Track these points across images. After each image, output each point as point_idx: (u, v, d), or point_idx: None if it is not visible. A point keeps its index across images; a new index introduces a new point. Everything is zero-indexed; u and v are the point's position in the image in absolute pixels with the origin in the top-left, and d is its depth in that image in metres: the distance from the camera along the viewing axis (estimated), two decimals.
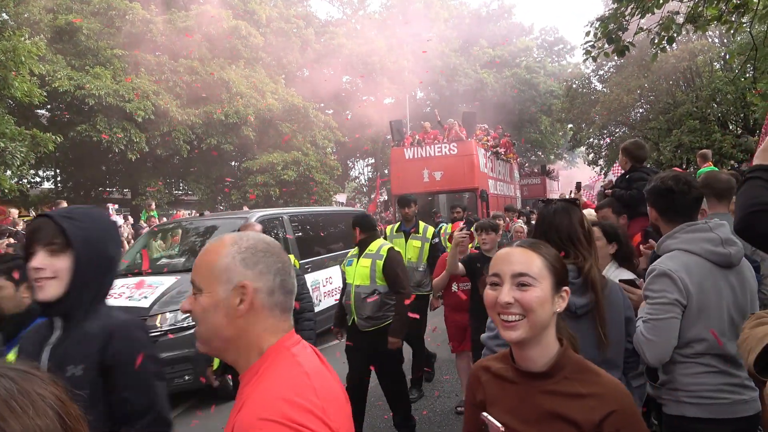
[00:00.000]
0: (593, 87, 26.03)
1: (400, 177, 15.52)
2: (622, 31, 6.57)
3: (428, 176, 14.99)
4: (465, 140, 15.16)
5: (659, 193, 2.33)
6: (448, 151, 14.92)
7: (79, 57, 18.07)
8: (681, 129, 19.12)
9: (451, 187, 14.80)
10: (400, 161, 15.52)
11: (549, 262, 1.43)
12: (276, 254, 1.23)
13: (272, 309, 1.20)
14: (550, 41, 42.73)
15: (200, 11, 21.38)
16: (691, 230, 2.23)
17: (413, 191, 14.63)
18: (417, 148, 15.46)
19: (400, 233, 5.88)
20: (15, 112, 15.34)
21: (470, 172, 14.68)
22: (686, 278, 2.12)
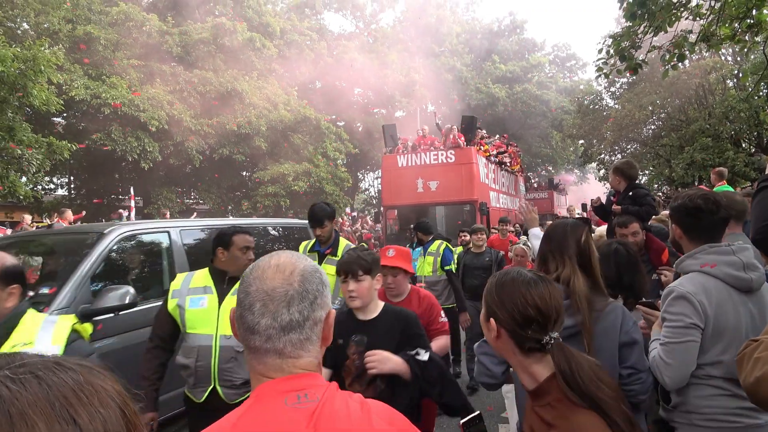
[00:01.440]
0: (605, 103, 26.01)
1: (391, 187, 14.19)
2: (634, 48, 6.60)
3: (423, 186, 13.62)
4: (463, 147, 13.73)
5: (687, 212, 2.27)
6: (444, 159, 13.56)
7: (96, 66, 18.36)
8: (693, 146, 19.01)
9: (447, 199, 13.44)
10: (392, 169, 14.15)
11: None
12: (247, 282, 1.10)
13: (243, 344, 1.10)
14: (563, 57, 42.82)
15: (216, 23, 21.67)
16: (714, 252, 2.18)
17: (406, 203, 13.93)
18: (411, 155, 14.05)
19: (313, 253, 4.45)
20: (32, 119, 15.58)
21: (469, 183, 13.36)
22: (705, 301, 2.09)
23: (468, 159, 13.56)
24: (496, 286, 1.60)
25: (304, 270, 1.12)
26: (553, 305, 1.52)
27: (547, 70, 40.08)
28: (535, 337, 1.49)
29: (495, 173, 16.46)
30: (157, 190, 20.29)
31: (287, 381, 1.05)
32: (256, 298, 1.07)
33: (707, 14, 6.62)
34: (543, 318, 1.49)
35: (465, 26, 40.73)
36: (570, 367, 1.44)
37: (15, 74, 10.58)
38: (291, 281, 1.09)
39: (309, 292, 1.10)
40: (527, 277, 1.57)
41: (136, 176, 20.93)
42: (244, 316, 1.07)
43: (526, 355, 1.52)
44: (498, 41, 39.76)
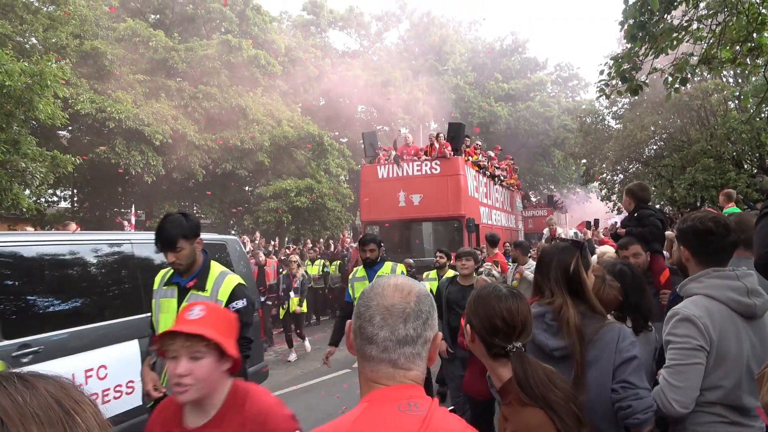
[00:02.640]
0: (607, 123, 26.10)
1: (371, 200, 13.00)
2: (635, 70, 6.64)
3: (405, 200, 12.53)
4: (450, 157, 12.54)
5: (696, 234, 2.24)
6: (429, 170, 12.47)
7: (102, 81, 18.53)
8: (695, 167, 19.03)
9: (431, 214, 12.37)
10: (372, 181, 13.02)
11: None
12: (368, 297, 1.23)
13: (358, 353, 1.22)
14: (565, 77, 43.13)
15: (221, 40, 21.91)
16: (718, 276, 2.17)
17: (386, 218, 12.80)
18: (392, 166, 12.86)
19: (172, 287, 3.33)
20: (37, 132, 15.69)
21: (455, 197, 12.29)
22: (709, 324, 2.07)
23: (454, 170, 12.45)
24: (474, 298, 1.85)
25: (419, 292, 1.22)
26: (519, 319, 1.73)
27: (549, 90, 40.34)
28: (500, 345, 1.72)
29: (487, 187, 15.26)
30: (159, 204, 20.34)
31: (399, 389, 1.15)
32: (376, 312, 1.18)
33: (708, 37, 6.67)
34: (508, 329, 1.71)
35: (468, 45, 41.12)
36: (525, 372, 1.66)
37: (21, 88, 10.68)
38: (408, 300, 1.19)
39: (423, 312, 1.20)
40: (500, 292, 1.80)
41: (139, 190, 21.00)
42: (363, 327, 1.18)
43: (494, 359, 1.75)
44: (501, 60, 40.10)
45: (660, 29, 5.91)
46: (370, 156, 13.79)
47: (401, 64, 33.92)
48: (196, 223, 3.12)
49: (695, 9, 6.54)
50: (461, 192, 12.44)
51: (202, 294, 3.03)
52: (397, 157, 13.01)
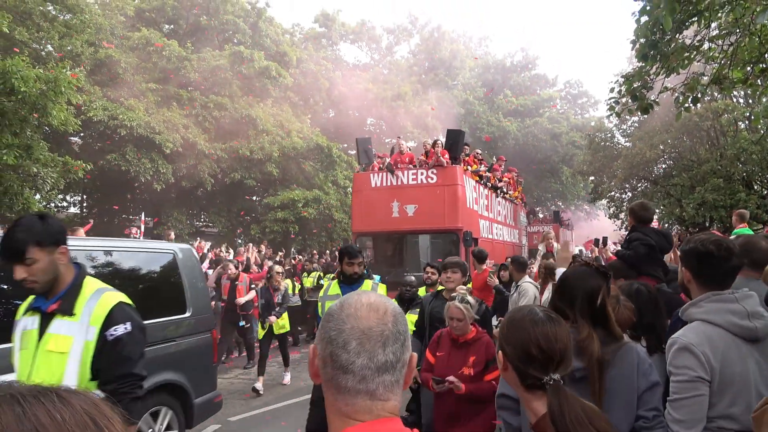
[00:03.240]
0: (616, 141, 26.05)
1: (363, 210, 12.30)
2: (646, 89, 6.64)
3: (398, 210, 11.76)
4: (447, 166, 11.82)
5: (697, 256, 2.22)
6: (425, 179, 11.77)
7: (116, 89, 18.76)
8: (704, 187, 18.93)
9: (426, 226, 11.67)
10: (365, 189, 12.30)
11: None
12: (339, 320, 1.06)
13: (328, 384, 1.05)
14: (574, 94, 43.20)
15: (234, 51, 22.14)
16: (717, 300, 2.13)
17: (378, 229, 12.16)
18: (386, 174, 12.12)
19: (34, 314, 2.63)
20: (50, 138, 15.86)
21: (452, 208, 11.58)
22: (709, 352, 2.03)
23: (452, 180, 11.70)
24: (508, 321, 1.69)
25: (395, 310, 1.10)
26: (558, 347, 1.56)
27: (558, 106, 40.39)
28: (536, 375, 1.55)
29: (488, 199, 14.39)
30: (167, 212, 20.46)
31: (378, 425, 1.01)
32: (351, 336, 1.03)
33: (720, 58, 6.67)
34: (545, 358, 1.55)
35: (478, 61, 41.32)
36: (561, 408, 1.48)
37: (36, 94, 10.82)
38: (386, 321, 1.06)
39: (401, 333, 1.08)
40: (537, 316, 1.63)
41: (148, 197, 21.14)
42: (336, 354, 1.03)
43: (528, 390, 1.59)
44: (510, 76, 40.25)
45: (671, 48, 5.92)
46: (364, 163, 12.97)
47: (411, 78, 34.12)
48: (58, 228, 2.32)
49: (707, 29, 6.55)
50: (459, 203, 11.63)
51: (68, 320, 2.31)
52: (390, 165, 12.17)
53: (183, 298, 5.11)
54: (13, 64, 10.58)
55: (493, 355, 3.56)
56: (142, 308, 4.04)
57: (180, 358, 4.87)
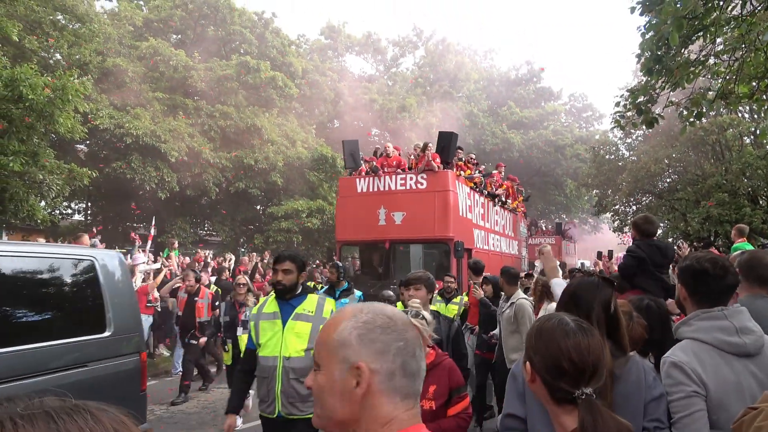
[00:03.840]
0: (620, 154, 26.04)
1: (347, 217, 11.63)
2: (651, 103, 6.64)
3: (385, 218, 11.00)
4: (438, 171, 11.03)
5: (693, 274, 2.22)
6: (414, 185, 10.99)
7: (122, 97, 18.89)
8: (709, 201, 18.88)
9: (414, 235, 10.90)
10: (350, 195, 11.65)
11: None
12: (398, 330, 1.07)
13: (391, 395, 1.05)
14: (579, 107, 43.23)
15: (240, 61, 22.30)
16: (706, 317, 2.14)
17: (362, 238, 11.46)
18: (373, 179, 11.35)
19: None
20: (56, 145, 15.95)
21: (443, 216, 10.77)
22: (699, 369, 2.02)
23: (443, 185, 10.93)
24: (536, 331, 1.61)
25: None
26: (590, 360, 1.49)
27: (563, 120, 40.43)
28: (566, 389, 1.48)
29: (485, 208, 13.59)
30: (171, 220, 20.51)
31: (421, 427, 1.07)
32: (416, 344, 1.09)
33: (725, 73, 6.68)
34: (576, 371, 1.48)
35: (483, 73, 41.46)
36: (595, 425, 1.41)
37: (44, 102, 10.90)
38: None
39: None
40: (568, 326, 1.55)
41: (152, 205, 21.21)
42: (408, 363, 1.06)
43: (557, 404, 1.52)
44: (515, 89, 40.36)
45: (676, 63, 5.93)
46: (350, 167, 12.27)
47: (416, 89, 34.25)
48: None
49: (713, 44, 6.56)
50: (450, 211, 10.81)
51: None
52: (376, 168, 11.43)
53: (102, 315, 4.34)
54: (22, 72, 10.67)
55: (458, 383, 3.01)
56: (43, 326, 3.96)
57: (94, 385, 4.07)
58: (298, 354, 3.39)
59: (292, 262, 3.55)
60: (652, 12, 5.87)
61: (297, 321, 3.47)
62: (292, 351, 3.40)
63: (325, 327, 1.12)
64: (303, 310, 3.52)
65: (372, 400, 1.03)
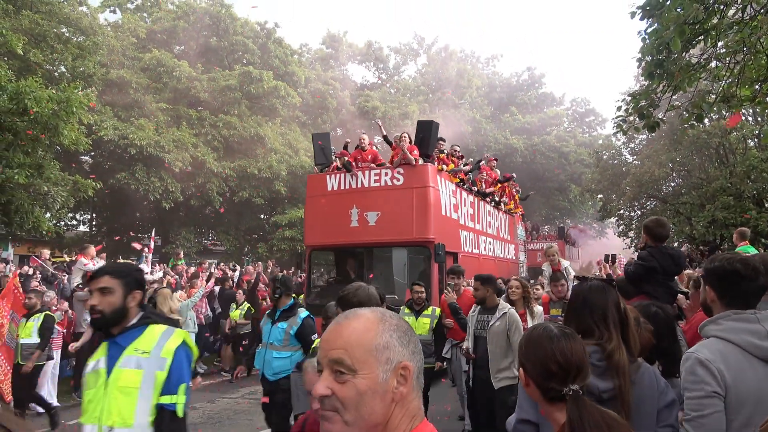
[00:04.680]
0: (624, 159, 26.00)
1: (317, 219, 10.39)
2: (653, 107, 6.63)
3: (358, 219, 9.80)
4: (417, 164, 9.84)
5: (722, 275, 2.16)
6: (389, 181, 9.79)
7: (126, 109, 19.01)
8: (714, 204, 18.79)
9: (389, 238, 9.68)
10: (320, 194, 10.42)
11: None
12: (410, 332, 1.18)
13: (417, 392, 1.15)
14: (581, 112, 43.24)
15: (243, 71, 22.44)
16: (736, 318, 2.08)
17: (333, 242, 10.30)
18: (345, 175, 10.16)
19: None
20: (61, 157, 16.06)
21: (422, 215, 9.50)
22: (723, 368, 1.99)
23: (422, 181, 9.68)
24: (525, 340, 1.79)
25: None
26: (574, 361, 1.66)
27: (566, 125, 40.43)
28: (556, 388, 1.65)
29: (475, 208, 12.35)
30: (176, 230, 20.57)
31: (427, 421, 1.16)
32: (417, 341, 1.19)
33: (726, 76, 6.67)
34: (563, 372, 1.65)
35: (485, 80, 41.54)
36: (580, 416, 1.57)
37: (48, 114, 10.97)
38: None
39: None
40: (552, 332, 1.73)
41: (157, 216, 21.27)
42: (421, 362, 1.17)
43: (550, 403, 1.69)
44: (517, 95, 40.40)
45: (677, 66, 5.92)
46: (321, 163, 11.12)
47: (418, 97, 34.34)
48: None
49: (714, 48, 6.55)
50: (430, 209, 9.55)
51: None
52: (348, 163, 10.23)
53: None
54: (27, 85, 10.76)
55: None
56: None
57: None
58: (125, 426, 2.22)
59: (114, 277, 2.43)
60: (652, 17, 5.87)
61: (124, 369, 2.29)
62: (115, 419, 2.23)
63: (358, 330, 1.09)
64: (135, 350, 2.34)
65: (409, 397, 1.11)
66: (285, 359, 4.93)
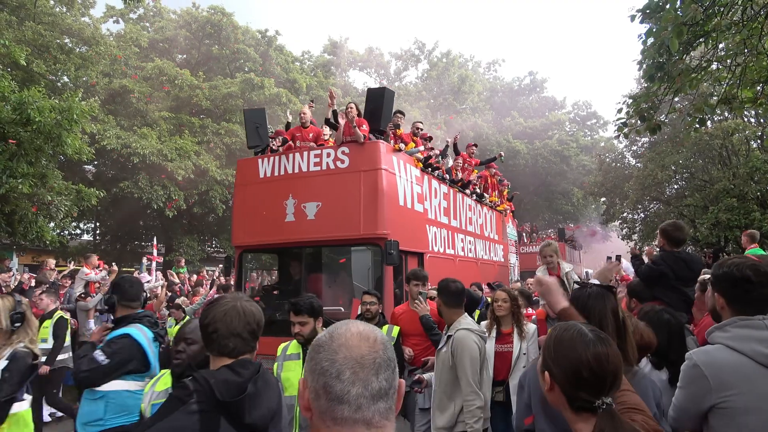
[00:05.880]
0: (627, 161, 25.99)
1: (247, 212, 8.38)
2: (654, 110, 6.63)
3: (294, 211, 7.79)
4: (366, 141, 7.77)
5: (733, 282, 2.08)
6: (332, 163, 7.77)
7: (129, 118, 19.08)
8: (718, 206, 18.75)
9: (331, 234, 7.55)
10: (251, 183, 8.49)
11: None
12: (331, 349, 1.07)
13: (322, 417, 1.04)
14: (583, 116, 43.25)
15: (244, 78, 22.52)
16: (744, 325, 2.02)
17: (264, 240, 8.26)
18: (280, 158, 8.19)
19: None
20: (64, 167, 16.12)
21: (371, 205, 7.41)
22: (721, 377, 1.96)
23: (372, 162, 7.59)
24: (554, 340, 1.60)
25: (383, 338, 1.11)
26: (610, 369, 1.50)
27: (567, 128, 40.42)
28: (586, 398, 1.49)
29: (450, 200, 10.36)
30: (179, 238, 20.59)
31: None
32: (345, 366, 1.04)
33: (728, 78, 6.66)
34: (597, 381, 1.48)
35: (486, 84, 41.60)
36: None
37: (51, 124, 11.02)
38: (377, 348, 1.08)
39: (391, 359, 1.09)
40: (587, 336, 1.55)
41: (160, 224, 21.30)
42: (330, 385, 1.03)
43: (576, 413, 1.52)
44: (518, 99, 40.43)
45: (677, 70, 5.92)
46: (255, 145, 9.28)
47: (420, 102, 34.39)
48: None
49: (714, 50, 6.55)
50: (381, 196, 7.44)
51: None
52: (285, 140, 8.56)
53: None
54: (30, 95, 10.82)
55: None
56: None
57: None
58: None
59: None
60: (652, 19, 5.88)
61: None
62: None
63: None
64: None
65: (312, 415, 1.06)
66: (96, 401, 3.36)
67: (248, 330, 1.97)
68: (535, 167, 34.29)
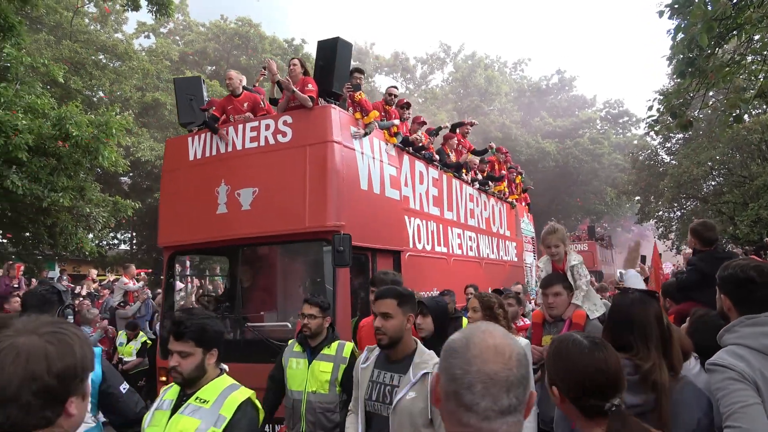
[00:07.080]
0: (661, 159, 25.37)
1: (174, 205, 6.74)
2: (686, 106, 6.48)
3: (227, 201, 6.10)
4: (314, 106, 5.96)
5: (737, 283, 2.12)
6: (271, 137, 6.02)
7: (162, 129, 19.58)
8: (758, 203, 18.13)
9: (268, 229, 5.84)
10: (180, 167, 6.76)
11: None
12: (465, 359, 1.12)
13: (450, 418, 1.13)
14: (615, 114, 42.43)
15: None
16: (752, 323, 2.03)
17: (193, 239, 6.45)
18: (210, 136, 6.44)
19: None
20: (101, 179, 16.63)
21: (318, 190, 5.65)
22: (747, 369, 1.92)
23: (320, 134, 5.81)
24: (553, 354, 1.64)
25: (519, 354, 1.12)
26: (611, 372, 1.54)
27: (599, 126, 39.72)
28: (596, 404, 1.52)
29: (442, 187, 8.55)
30: None
31: None
32: (477, 379, 1.06)
33: (763, 70, 6.47)
34: (600, 385, 1.53)
35: (513, 85, 41.24)
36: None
37: (89, 138, 11.39)
38: (510, 366, 1.08)
39: (524, 378, 1.10)
40: (582, 344, 1.58)
41: None
42: (461, 394, 1.07)
43: (590, 419, 1.55)
44: (546, 98, 39.94)
45: (710, 66, 5.77)
46: (188, 122, 7.21)
47: (447, 105, 34.33)
48: None
49: (749, 42, 6.37)
50: (333, 179, 5.69)
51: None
52: (214, 117, 6.58)
53: None
54: (68, 110, 11.20)
55: None
56: None
57: None
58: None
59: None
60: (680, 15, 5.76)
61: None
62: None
63: None
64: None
65: (441, 411, 1.16)
66: None
67: (34, 388, 1.12)
68: (566, 167, 33.79)
